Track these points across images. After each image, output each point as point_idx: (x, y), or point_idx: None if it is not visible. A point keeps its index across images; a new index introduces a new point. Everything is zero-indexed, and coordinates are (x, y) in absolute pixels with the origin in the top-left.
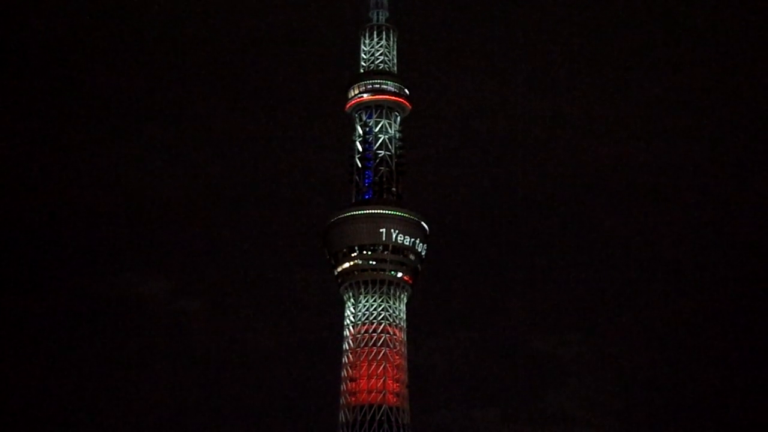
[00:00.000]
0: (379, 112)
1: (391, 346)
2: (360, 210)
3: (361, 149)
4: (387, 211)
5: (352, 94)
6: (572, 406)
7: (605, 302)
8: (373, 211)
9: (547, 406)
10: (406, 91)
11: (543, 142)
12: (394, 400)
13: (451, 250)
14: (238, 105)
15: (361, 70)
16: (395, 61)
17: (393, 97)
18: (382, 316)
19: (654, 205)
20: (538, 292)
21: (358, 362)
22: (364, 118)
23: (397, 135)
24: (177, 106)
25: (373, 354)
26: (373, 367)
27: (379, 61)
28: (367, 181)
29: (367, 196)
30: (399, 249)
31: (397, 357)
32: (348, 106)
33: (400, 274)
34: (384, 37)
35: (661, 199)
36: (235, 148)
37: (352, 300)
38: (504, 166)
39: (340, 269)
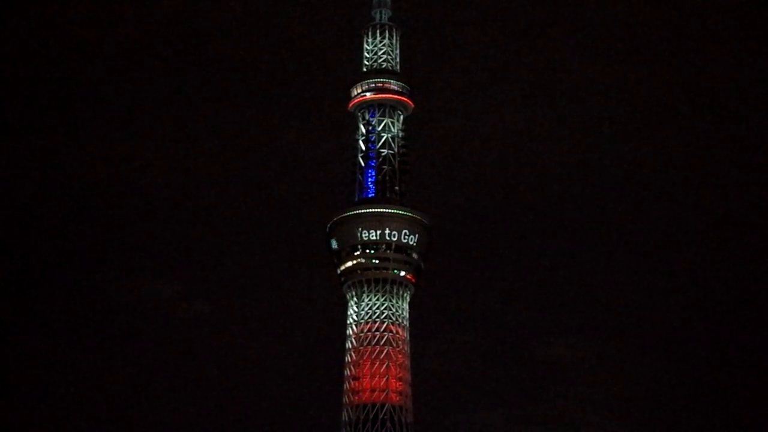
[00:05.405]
0: (382, 110)
1: (394, 344)
2: (363, 209)
3: (364, 148)
4: (390, 210)
5: (355, 93)
6: (577, 409)
7: (611, 305)
8: (376, 210)
9: (552, 408)
10: (409, 89)
11: (547, 142)
12: (397, 399)
13: (454, 249)
14: (242, 105)
15: (364, 69)
16: (398, 59)
17: (396, 96)
18: (385, 314)
19: (661, 206)
20: (543, 293)
21: (361, 361)
22: (367, 117)
23: (400, 134)
24: (181, 109)
25: (376, 353)
26: (376, 365)
27: (382, 59)
28: (370, 179)
29: (370, 195)
30: (402, 247)
31: (400, 356)
32: (351, 104)
33: (403, 273)
34: (387, 36)
35: (668, 201)
36: (240, 149)
37: (355, 299)
38: (508, 165)
39: (343, 268)
